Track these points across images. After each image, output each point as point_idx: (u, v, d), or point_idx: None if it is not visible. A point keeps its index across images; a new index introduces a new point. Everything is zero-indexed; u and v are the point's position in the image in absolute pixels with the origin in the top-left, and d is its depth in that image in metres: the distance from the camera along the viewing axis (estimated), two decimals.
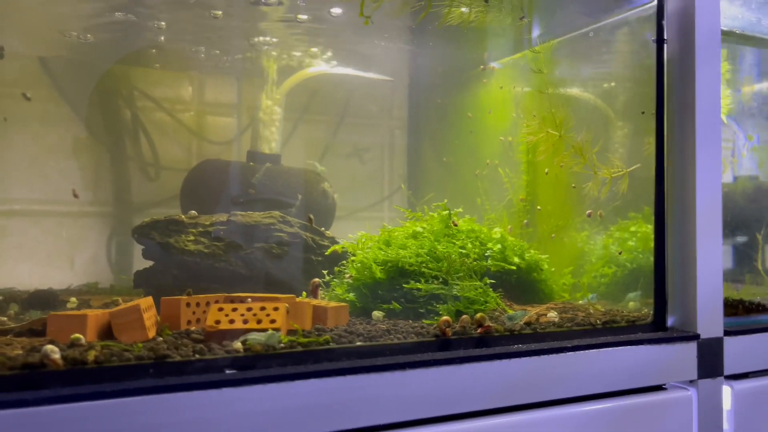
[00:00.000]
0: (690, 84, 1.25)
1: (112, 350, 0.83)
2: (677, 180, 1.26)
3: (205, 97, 1.83)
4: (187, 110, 1.83)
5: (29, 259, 1.71)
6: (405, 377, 0.93)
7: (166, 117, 1.78)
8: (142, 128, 1.80)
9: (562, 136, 1.25)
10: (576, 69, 1.46)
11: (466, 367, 0.98)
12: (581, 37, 1.42)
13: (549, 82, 1.32)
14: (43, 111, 1.70)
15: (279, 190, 1.56)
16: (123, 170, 1.84)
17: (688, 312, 1.24)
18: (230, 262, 1.28)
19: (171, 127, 1.80)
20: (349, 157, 2.06)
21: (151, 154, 1.82)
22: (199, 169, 1.63)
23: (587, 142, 1.23)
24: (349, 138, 2.06)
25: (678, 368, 1.20)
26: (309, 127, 1.96)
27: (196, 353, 0.87)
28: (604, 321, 1.19)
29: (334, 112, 2.02)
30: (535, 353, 1.04)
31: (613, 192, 1.31)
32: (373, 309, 1.19)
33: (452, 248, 1.25)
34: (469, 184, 1.71)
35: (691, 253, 1.23)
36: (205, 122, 1.83)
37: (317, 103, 1.93)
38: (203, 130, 1.80)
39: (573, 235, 1.49)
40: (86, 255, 1.81)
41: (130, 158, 1.83)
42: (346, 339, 0.97)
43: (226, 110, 1.83)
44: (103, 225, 1.83)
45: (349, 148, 2.06)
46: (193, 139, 1.79)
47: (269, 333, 0.93)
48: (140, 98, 1.79)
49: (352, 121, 2.08)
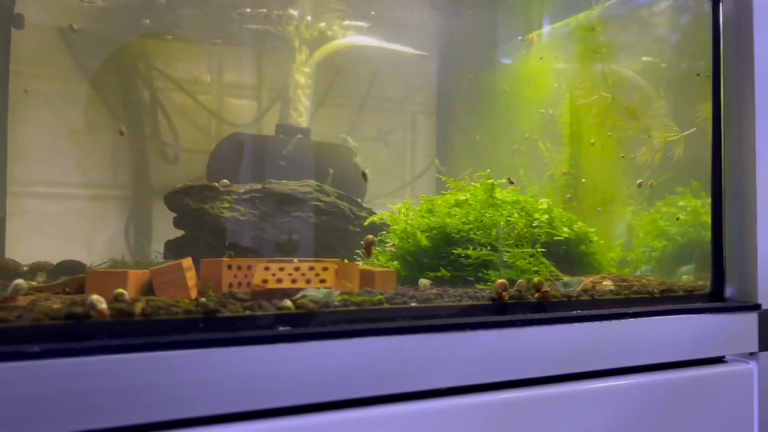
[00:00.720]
0: (748, 45, 1.19)
1: (160, 304, 0.78)
2: (736, 145, 1.21)
3: (228, 72, 1.78)
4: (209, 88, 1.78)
5: (49, 238, 1.67)
6: (465, 338, 0.87)
7: (187, 95, 1.74)
8: (161, 107, 1.76)
9: (615, 98, 1.19)
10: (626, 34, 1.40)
11: (527, 330, 0.92)
12: None
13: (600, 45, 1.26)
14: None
15: (310, 162, 1.51)
16: (145, 150, 1.80)
17: (747, 282, 1.18)
18: (266, 230, 1.23)
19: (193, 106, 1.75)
20: (377, 136, 2.01)
21: (173, 133, 1.77)
22: (228, 142, 1.58)
23: (641, 105, 1.17)
24: (377, 117, 2.01)
25: (738, 340, 1.14)
26: (338, 101, 1.91)
27: (247, 310, 0.82)
28: (662, 290, 1.14)
29: (363, 87, 1.97)
30: (596, 318, 0.98)
31: (665, 159, 1.25)
32: (419, 277, 1.13)
33: (499, 217, 1.20)
34: (507, 162, 1.65)
35: (750, 220, 1.17)
36: (230, 98, 1.79)
37: (346, 78, 1.88)
38: (228, 107, 1.75)
39: (619, 210, 1.43)
40: (105, 235, 1.76)
41: (152, 138, 1.78)
42: (400, 300, 0.92)
43: (253, 85, 1.78)
44: (123, 205, 1.79)
45: (378, 126, 2.01)
46: (217, 115, 1.74)
47: (327, 290, 0.88)
48: (159, 74, 1.75)
49: (381, 99, 2.03)
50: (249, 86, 1.81)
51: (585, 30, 1.22)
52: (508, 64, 1.70)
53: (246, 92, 1.81)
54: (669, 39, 1.39)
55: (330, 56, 1.77)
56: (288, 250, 1.22)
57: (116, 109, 1.76)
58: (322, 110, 1.89)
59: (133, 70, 1.77)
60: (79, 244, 1.73)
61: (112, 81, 1.77)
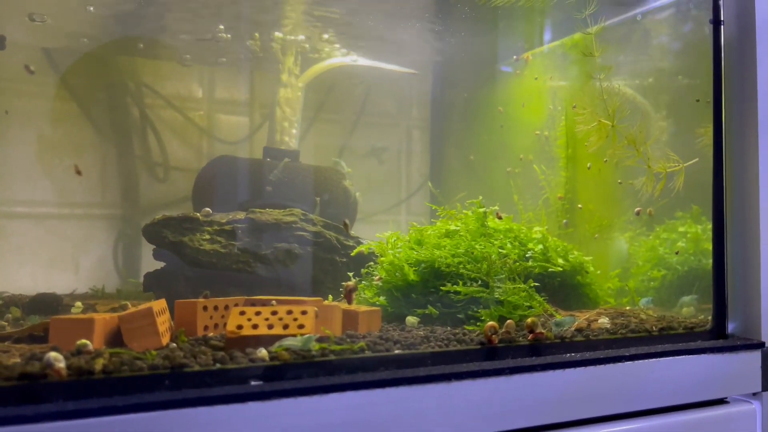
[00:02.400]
0: (751, 68, 1.14)
1: (123, 358, 0.73)
2: (738, 174, 1.16)
3: (218, 92, 1.74)
4: (198, 107, 1.74)
5: (31, 262, 1.62)
6: (451, 389, 0.82)
7: (176, 113, 1.69)
8: (150, 125, 1.72)
9: (615, 126, 1.14)
10: (624, 56, 1.35)
11: (516, 378, 0.87)
12: (629, 21, 1.32)
13: (598, 68, 1.21)
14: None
15: (298, 187, 1.46)
16: (132, 170, 1.75)
17: (751, 318, 1.13)
18: (248, 263, 1.18)
19: (181, 125, 1.71)
20: (369, 155, 1.96)
21: (160, 152, 1.73)
22: (213, 166, 1.54)
23: (641, 134, 1.13)
24: (369, 136, 1.96)
25: (741, 379, 1.09)
26: (327, 123, 1.87)
27: (217, 362, 0.77)
28: (660, 327, 1.09)
29: (354, 107, 1.93)
30: (590, 363, 0.93)
31: (664, 189, 1.20)
32: (406, 314, 1.08)
33: (491, 248, 1.15)
34: (501, 183, 1.60)
35: (754, 253, 1.12)
36: (218, 119, 1.74)
37: (336, 98, 1.84)
38: (216, 127, 1.70)
39: (617, 236, 1.38)
40: (92, 258, 1.71)
41: (138, 157, 1.74)
42: (383, 346, 0.87)
43: (240, 106, 1.74)
44: (110, 227, 1.74)
45: (369, 146, 1.96)
46: (204, 136, 1.70)
47: (306, 337, 0.83)
48: (147, 93, 1.71)
49: (373, 118, 1.98)
50: (238, 107, 1.77)
51: (582, 53, 1.17)
52: (503, 83, 1.65)
53: (235, 112, 1.77)
54: (669, 62, 1.34)
55: (321, 76, 1.73)
56: (270, 285, 1.18)
57: (103, 128, 1.72)
58: (316, 129, 1.85)
59: (120, 88, 1.73)
60: (63, 268, 1.68)
61: (98, 99, 1.73)
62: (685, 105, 1.30)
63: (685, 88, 1.31)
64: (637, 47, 1.36)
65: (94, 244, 1.72)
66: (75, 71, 1.67)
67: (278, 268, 1.19)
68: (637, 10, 1.28)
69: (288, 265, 1.20)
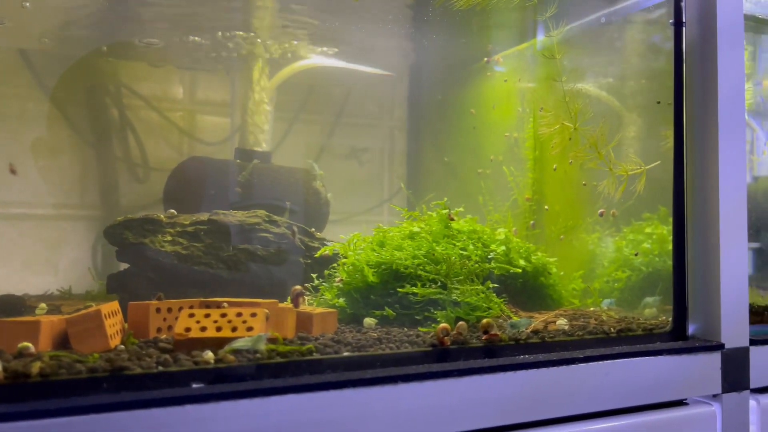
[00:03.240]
0: (711, 70, 1.14)
1: (62, 361, 0.73)
2: (698, 176, 1.16)
3: (190, 93, 1.74)
4: (172, 107, 1.74)
5: (5, 264, 1.61)
6: (397, 392, 0.82)
7: (149, 114, 1.69)
8: (125, 126, 1.71)
9: (577, 128, 1.14)
10: (589, 58, 1.35)
11: (465, 380, 0.87)
12: (593, 23, 1.32)
13: (562, 71, 1.21)
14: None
15: (267, 189, 1.46)
16: (107, 170, 1.75)
17: (711, 320, 1.13)
18: (211, 265, 1.18)
19: (154, 125, 1.71)
20: (346, 157, 1.96)
21: (134, 152, 1.72)
22: (184, 167, 1.53)
23: (603, 137, 1.13)
24: (345, 138, 1.96)
25: (700, 381, 1.09)
26: (303, 125, 1.86)
27: (160, 365, 0.77)
28: (619, 329, 1.09)
29: (329, 109, 1.93)
30: (543, 365, 0.93)
31: (628, 191, 1.21)
32: (365, 315, 1.08)
33: (452, 250, 1.15)
34: (472, 184, 1.60)
35: (714, 255, 1.12)
36: (191, 119, 1.74)
37: (310, 100, 1.84)
38: (189, 128, 1.70)
39: (583, 237, 1.39)
40: (68, 259, 1.71)
41: (113, 157, 1.74)
42: (332, 348, 0.87)
43: (213, 107, 1.74)
44: (89, 228, 1.74)
45: (346, 148, 1.96)
46: (178, 137, 1.69)
47: (256, 336, 0.83)
48: (119, 93, 1.70)
49: (352, 120, 1.98)
50: (213, 108, 1.76)
51: (545, 55, 1.17)
52: (475, 85, 1.66)
53: (212, 113, 1.77)
54: (634, 64, 1.34)
55: (299, 78, 1.73)
56: (233, 287, 1.17)
57: (81, 129, 1.72)
58: (295, 130, 1.84)
59: (97, 88, 1.73)
60: (38, 270, 1.68)
61: (75, 100, 1.72)
62: (652, 108, 1.31)
63: (650, 91, 1.31)
64: (603, 50, 1.36)
65: (71, 246, 1.72)
66: (51, 72, 1.66)
67: (241, 270, 1.19)
68: (601, 12, 1.29)
69: (251, 267, 1.20)
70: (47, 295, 1.49)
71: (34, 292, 1.51)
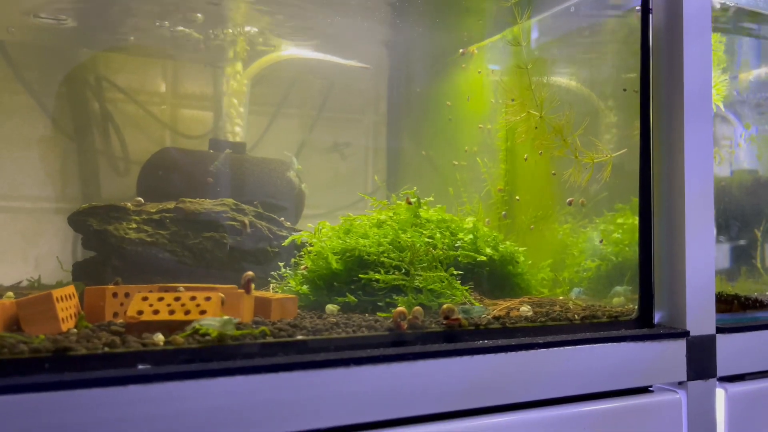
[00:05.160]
0: (678, 58, 1.14)
1: (4, 342, 0.72)
2: (665, 165, 1.16)
3: (166, 84, 1.73)
4: (148, 100, 1.73)
5: None
6: (350, 374, 0.82)
7: (124, 105, 1.68)
8: (108, 118, 1.71)
9: (543, 117, 1.14)
10: (559, 47, 1.35)
11: (421, 363, 0.87)
12: (562, 12, 1.32)
13: (530, 59, 1.21)
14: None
15: (239, 178, 1.45)
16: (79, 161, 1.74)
17: (676, 307, 1.13)
18: (176, 252, 1.17)
19: (128, 116, 1.70)
20: (328, 151, 1.95)
21: (109, 144, 1.72)
22: (158, 157, 1.53)
23: (569, 125, 1.12)
24: (326, 131, 1.95)
25: (665, 368, 1.09)
26: (282, 118, 1.86)
27: (106, 346, 0.76)
28: (583, 316, 1.08)
29: (308, 102, 1.92)
30: (502, 350, 0.93)
31: (597, 180, 1.20)
32: (329, 302, 1.08)
33: (418, 238, 1.14)
34: (449, 176, 1.60)
35: (679, 242, 1.12)
36: (167, 111, 1.73)
37: (287, 92, 1.83)
38: (166, 120, 1.69)
39: (555, 227, 1.38)
40: (44, 251, 1.70)
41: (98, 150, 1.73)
42: (287, 332, 0.86)
43: (189, 99, 1.73)
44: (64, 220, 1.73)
45: (327, 141, 1.95)
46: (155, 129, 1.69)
47: (225, 319, 0.83)
48: (94, 85, 1.69)
49: (328, 114, 1.97)
50: (187, 99, 1.76)
51: (510, 43, 1.16)
52: (451, 77, 1.65)
53: (189, 106, 1.76)
54: (603, 52, 1.34)
55: (272, 69, 1.73)
56: (198, 274, 1.17)
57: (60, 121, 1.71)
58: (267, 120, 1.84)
59: (76, 80, 1.72)
60: (13, 261, 1.67)
61: (54, 92, 1.72)
62: (623, 96, 1.30)
63: (620, 79, 1.31)
64: (573, 38, 1.36)
65: (48, 237, 1.71)
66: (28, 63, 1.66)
67: (206, 258, 1.18)
68: (571, 1, 1.28)
69: (217, 255, 1.19)
70: (18, 285, 1.49)
71: (9, 282, 1.50)
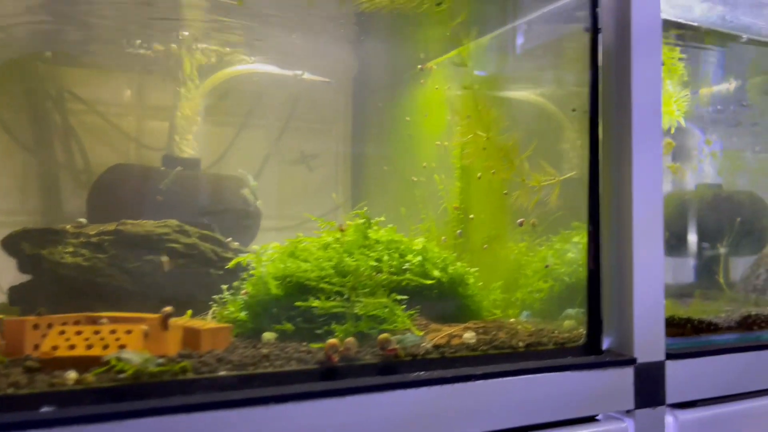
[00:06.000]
0: (626, 77, 1.12)
1: None
2: (614, 185, 1.13)
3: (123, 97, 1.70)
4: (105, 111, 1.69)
5: None
6: (270, 414, 0.79)
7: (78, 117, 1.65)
8: (70, 131, 1.67)
9: (491, 138, 1.12)
10: (511, 66, 1.33)
11: (350, 399, 0.84)
12: (514, 30, 1.30)
13: (481, 79, 1.19)
14: None
15: (190, 197, 1.42)
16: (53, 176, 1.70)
17: (624, 333, 1.10)
18: (114, 277, 1.14)
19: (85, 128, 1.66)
20: (298, 162, 1.92)
21: (82, 159, 1.68)
22: (108, 175, 1.49)
23: (516, 146, 1.10)
24: (290, 145, 1.92)
25: (612, 397, 1.06)
26: (248, 131, 1.83)
27: (12, 386, 0.73)
28: (528, 343, 1.06)
29: (271, 115, 1.89)
30: (436, 382, 0.90)
31: (559, 198, 1.18)
32: (267, 329, 1.05)
33: (364, 261, 1.12)
34: (408, 192, 1.57)
35: (627, 266, 1.10)
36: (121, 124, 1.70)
37: (248, 106, 1.80)
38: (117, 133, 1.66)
39: (511, 247, 1.36)
40: None
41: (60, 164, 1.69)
42: (209, 368, 0.83)
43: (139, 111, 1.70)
44: None
45: (292, 155, 1.93)
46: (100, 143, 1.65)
47: (145, 355, 0.80)
48: (67, 98, 1.66)
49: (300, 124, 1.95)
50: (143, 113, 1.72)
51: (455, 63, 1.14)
52: (411, 93, 1.63)
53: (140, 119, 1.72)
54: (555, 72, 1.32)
55: (231, 83, 1.70)
56: (137, 300, 1.13)
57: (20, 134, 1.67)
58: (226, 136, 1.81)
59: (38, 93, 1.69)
60: None
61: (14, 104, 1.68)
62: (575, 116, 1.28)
63: (571, 99, 1.29)
64: (527, 57, 1.34)
65: None
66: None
67: (146, 282, 1.15)
68: (522, 19, 1.26)
69: (157, 279, 1.16)
70: None
71: None
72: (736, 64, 1.75)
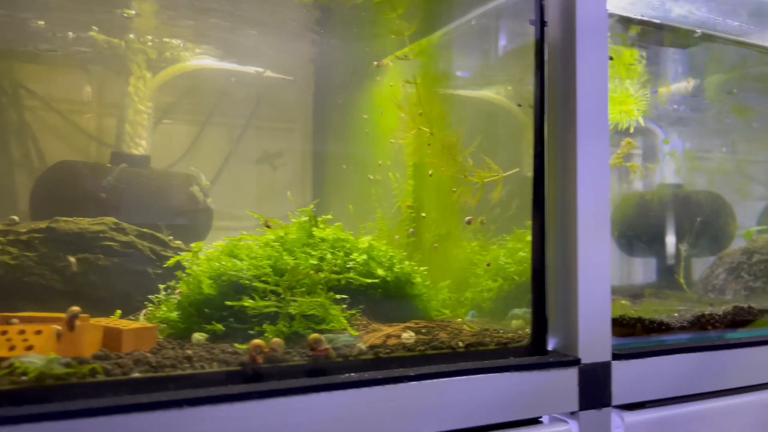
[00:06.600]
0: (571, 71, 1.10)
1: None
2: (559, 181, 1.11)
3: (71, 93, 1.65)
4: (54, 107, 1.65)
5: None
6: (183, 417, 0.75)
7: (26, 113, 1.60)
8: (25, 128, 1.62)
9: (435, 134, 1.09)
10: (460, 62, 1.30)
11: (270, 402, 0.80)
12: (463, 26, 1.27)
13: (426, 74, 1.16)
14: None
15: (136, 194, 1.38)
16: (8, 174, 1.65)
17: (569, 333, 1.08)
18: (44, 276, 1.09)
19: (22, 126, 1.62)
20: (261, 161, 1.89)
21: (36, 156, 1.63)
22: (53, 171, 1.45)
23: (458, 142, 1.07)
24: (252, 143, 1.89)
25: (556, 398, 1.03)
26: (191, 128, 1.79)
27: None
28: (469, 344, 1.03)
29: (232, 113, 1.86)
30: (366, 384, 0.87)
31: (514, 195, 1.15)
32: (198, 330, 1.01)
33: (305, 259, 1.08)
34: (364, 190, 1.54)
35: (572, 264, 1.07)
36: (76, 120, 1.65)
37: (203, 103, 1.76)
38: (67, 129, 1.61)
39: (462, 245, 1.33)
40: None
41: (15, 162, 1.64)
42: (122, 369, 0.79)
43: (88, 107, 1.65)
44: None
45: (252, 153, 1.89)
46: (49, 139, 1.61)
47: (50, 356, 0.76)
48: (22, 94, 1.61)
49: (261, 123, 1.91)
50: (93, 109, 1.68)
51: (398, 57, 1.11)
52: (368, 90, 1.60)
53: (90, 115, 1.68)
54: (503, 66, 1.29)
55: (190, 79, 1.66)
56: (69, 300, 1.09)
57: None
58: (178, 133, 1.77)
59: None
60: None
61: None
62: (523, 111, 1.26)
63: (520, 94, 1.26)
64: (474, 52, 1.31)
65: None
66: None
67: (78, 281, 1.11)
68: (471, 14, 1.24)
69: (89, 278, 1.11)
70: None
71: None
72: (698, 62, 1.74)
